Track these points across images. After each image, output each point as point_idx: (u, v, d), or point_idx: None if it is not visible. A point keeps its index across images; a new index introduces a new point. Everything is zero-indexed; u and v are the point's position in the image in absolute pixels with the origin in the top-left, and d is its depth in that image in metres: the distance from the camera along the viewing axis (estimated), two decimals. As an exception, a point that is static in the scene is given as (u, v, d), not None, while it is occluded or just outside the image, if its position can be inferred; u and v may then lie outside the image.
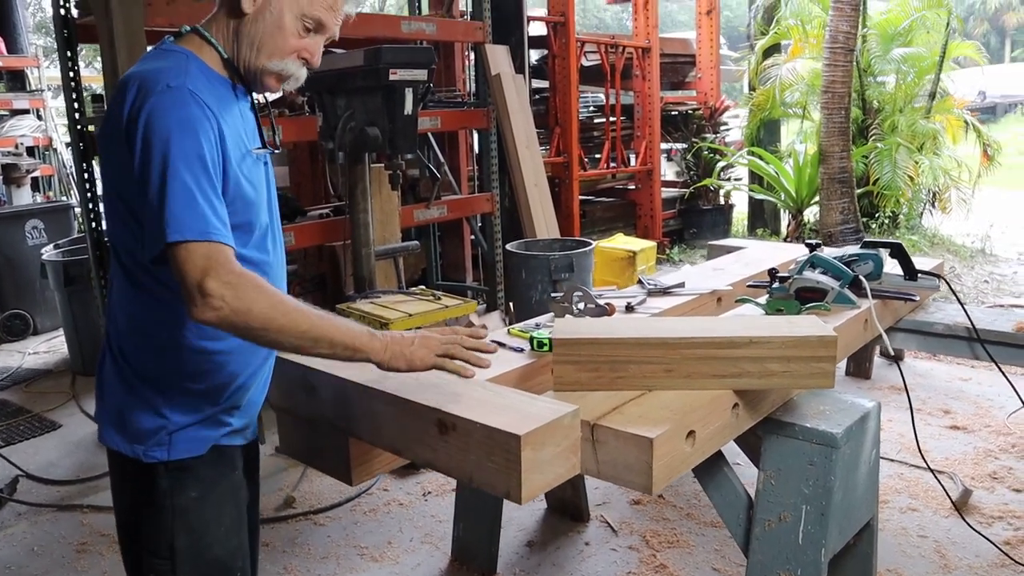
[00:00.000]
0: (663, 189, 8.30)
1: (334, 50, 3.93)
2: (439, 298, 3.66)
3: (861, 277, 2.62)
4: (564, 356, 1.79)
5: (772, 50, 8.83)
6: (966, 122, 8.32)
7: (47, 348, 5.70)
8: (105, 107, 4.08)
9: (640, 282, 2.86)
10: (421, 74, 3.43)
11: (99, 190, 6.50)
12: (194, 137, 1.32)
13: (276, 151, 1.66)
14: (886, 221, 7.83)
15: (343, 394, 1.62)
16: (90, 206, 4.05)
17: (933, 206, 8.36)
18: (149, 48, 1.45)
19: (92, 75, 10.48)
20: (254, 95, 1.55)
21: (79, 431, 4.15)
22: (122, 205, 1.38)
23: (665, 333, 1.79)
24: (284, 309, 1.34)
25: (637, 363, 1.78)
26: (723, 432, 1.83)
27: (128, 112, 1.32)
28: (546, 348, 2.11)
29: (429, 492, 3.33)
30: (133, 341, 1.44)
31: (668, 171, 9.37)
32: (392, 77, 3.32)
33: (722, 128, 9.16)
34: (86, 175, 4.03)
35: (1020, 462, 3.47)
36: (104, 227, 4.16)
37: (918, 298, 2.85)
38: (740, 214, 9.43)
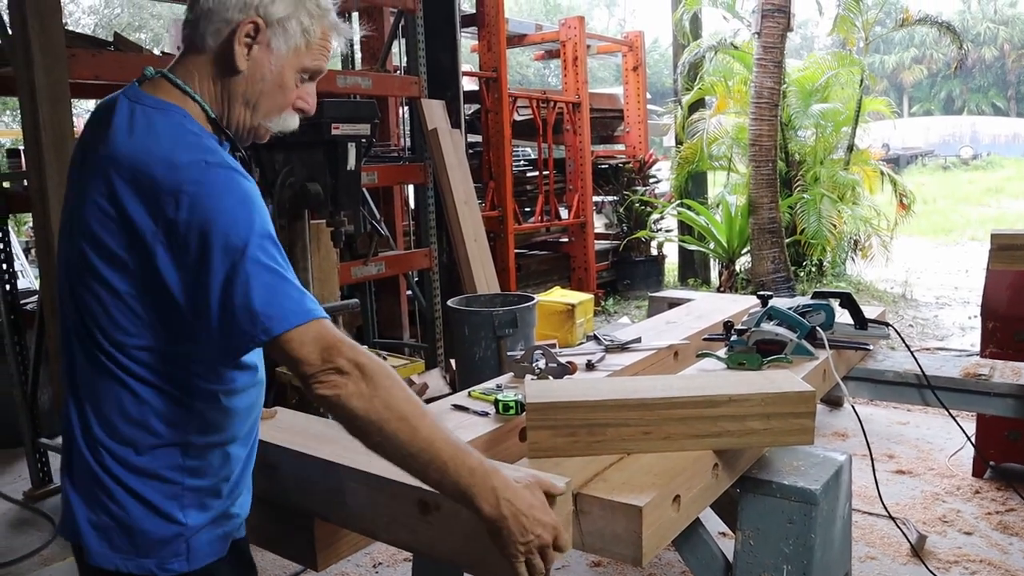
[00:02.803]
0: (595, 241, 8.38)
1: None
2: (384, 358, 3.54)
3: (817, 328, 2.62)
4: (539, 421, 1.70)
5: (697, 105, 9.11)
6: (882, 172, 8.70)
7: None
8: (23, 164, 3.86)
9: (596, 338, 2.80)
10: (364, 129, 3.36)
11: (16, 249, 6.11)
12: (256, 214, 1.19)
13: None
14: (813, 269, 8.06)
15: (308, 473, 1.49)
16: (4, 267, 3.81)
17: (855, 253, 8.66)
18: (93, 100, 1.30)
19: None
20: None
21: (-11, 512, 3.83)
22: (136, 301, 1.21)
23: (643, 393, 1.73)
24: (414, 406, 1.21)
25: (615, 426, 1.70)
26: (705, 494, 1.76)
27: (161, 205, 1.16)
28: (512, 411, 2.02)
29: (380, 563, 3.16)
30: (129, 442, 1.24)
31: (597, 223, 9.48)
32: (335, 132, 3.25)
33: (651, 180, 9.35)
34: (0, 234, 3.79)
35: (967, 504, 3.51)
36: (19, 289, 3.90)
37: (872, 347, 2.88)
38: (671, 265, 9.58)
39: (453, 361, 5.04)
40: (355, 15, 6.24)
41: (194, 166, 1.17)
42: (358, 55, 6.25)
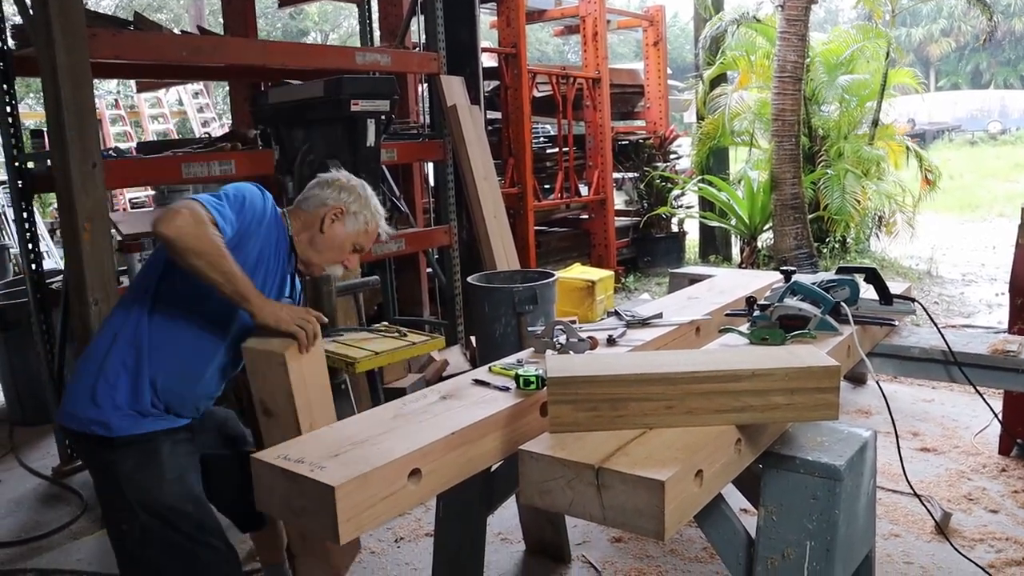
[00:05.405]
0: (615, 218, 8.33)
1: (290, 81, 3.81)
2: (404, 335, 3.53)
3: (841, 303, 2.59)
4: (560, 396, 1.70)
5: (719, 80, 8.99)
6: (907, 148, 8.55)
7: (-20, 398, 5.38)
8: (46, 144, 3.88)
9: (618, 313, 2.79)
10: (383, 105, 3.34)
11: (40, 229, 6.18)
12: (244, 195, 2.05)
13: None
14: (836, 246, 7.96)
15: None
16: (30, 247, 3.84)
17: (880, 230, 8.54)
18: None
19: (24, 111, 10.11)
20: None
21: (20, 487, 3.89)
22: None
23: (666, 368, 1.71)
24: (209, 241, 1.88)
25: (637, 400, 1.69)
26: (727, 470, 1.75)
27: None
28: (533, 386, 2.02)
29: (402, 538, 3.18)
30: None
31: (618, 200, 9.41)
32: (354, 108, 3.23)
33: (672, 156, 9.26)
34: (25, 214, 3.82)
35: (993, 482, 3.48)
36: (44, 268, 3.94)
37: (897, 322, 2.84)
38: (692, 241, 9.51)
39: (473, 338, 5.05)
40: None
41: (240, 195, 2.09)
42: (376, 32, 6.21)
